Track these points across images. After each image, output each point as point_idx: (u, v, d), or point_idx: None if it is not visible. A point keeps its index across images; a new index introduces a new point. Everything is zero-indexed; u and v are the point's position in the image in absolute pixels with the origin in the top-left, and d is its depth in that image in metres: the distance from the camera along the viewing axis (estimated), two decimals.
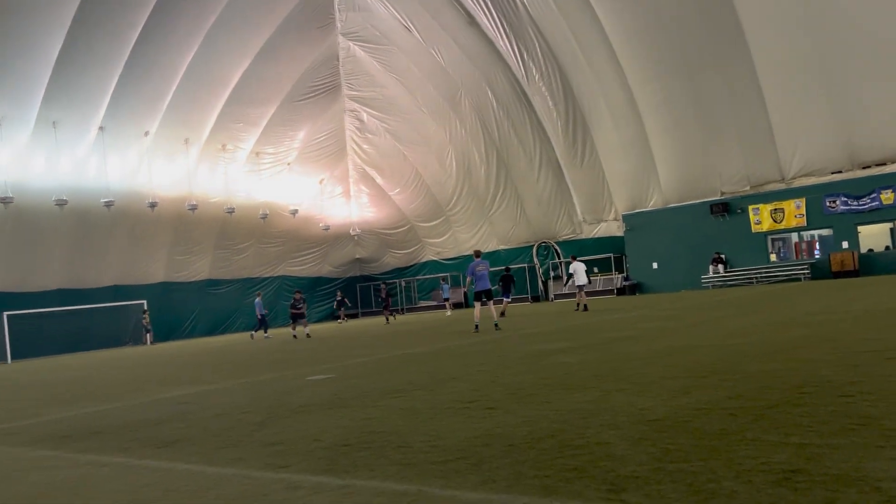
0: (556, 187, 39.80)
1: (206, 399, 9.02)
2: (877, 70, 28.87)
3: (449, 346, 13.97)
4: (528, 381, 7.68)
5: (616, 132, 36.31)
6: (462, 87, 38.99)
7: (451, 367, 9.92)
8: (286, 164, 41.35)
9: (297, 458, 4.89)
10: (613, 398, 6.04)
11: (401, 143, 42.94)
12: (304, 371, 11.55)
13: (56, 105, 29.81)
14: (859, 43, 28.74)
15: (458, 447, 4.69)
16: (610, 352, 9.92)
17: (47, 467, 5.52)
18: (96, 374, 16.71)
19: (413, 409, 6.52)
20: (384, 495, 3.73)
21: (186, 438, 6.16)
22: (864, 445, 3.78)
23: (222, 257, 40.48)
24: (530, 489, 3.56)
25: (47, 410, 9.64)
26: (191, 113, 34.89)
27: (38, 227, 31.92)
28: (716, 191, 35.10)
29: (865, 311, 12.77)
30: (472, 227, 44.06)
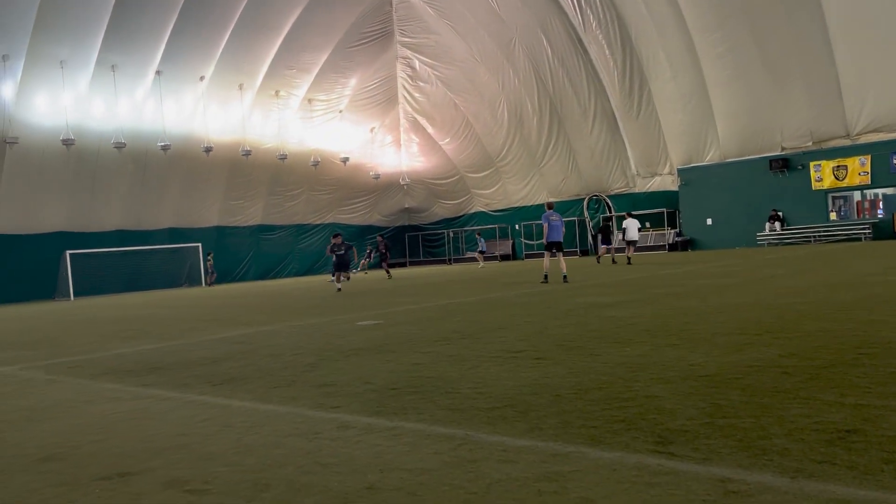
0: (609, 139, 38.99)
1: (260, 340, 9.28)
2: None
3: (496, 297, 14.01)
4: (576, 333, 7.67)
5: (674, 83, 35.21)
6: (517, 35, 38.17)
7: (498, 317, 9.97)
8: (338, 111, 41.42)
9: (347, 399, 5.01)
10: (663, 353, 6.00)
11: (452, 91, 42.47)
12: (353, 316, 11.75)
13: (115, 49, 30.29)
14: None
15: (505, 395, 4.73)
16: (661, 307, 9.82)
17: (111, 399, 5.77)
18: (155, 312, 17.31)
19: (460, 356, 6.59)
20: (432, 438, 3.80)
21: (241, 377, 6.36)
22: None
23: (274, 203, 41.09)
24: (577, 438, 3.59)
25: (110, 346, 10.05)
26: (245, 59, 35.07)
27: (98, 169, 32.81)
28: (776, 146, 33.93)
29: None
30: (522, 178, 43.64)
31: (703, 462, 3.09)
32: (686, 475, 2.94)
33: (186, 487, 3.28)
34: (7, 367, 8.48)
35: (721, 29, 32.18)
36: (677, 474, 2.96)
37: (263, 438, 4.09)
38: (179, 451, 3.94)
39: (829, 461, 2.98)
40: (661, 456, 3.22)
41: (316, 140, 40.56)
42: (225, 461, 3.68)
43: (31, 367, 8.29)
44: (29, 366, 8.39)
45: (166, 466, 3.66)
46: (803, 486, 2.72)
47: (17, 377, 7.54)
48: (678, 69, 34.70)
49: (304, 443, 3.91)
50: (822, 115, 32.19)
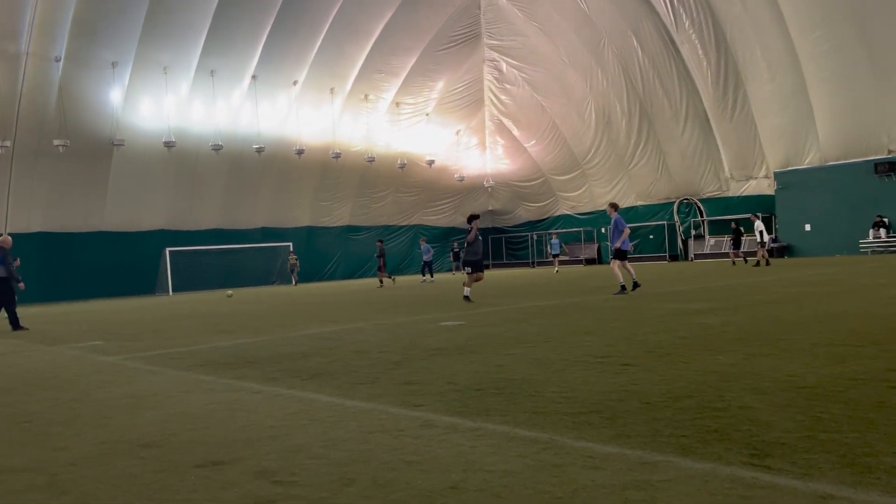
0: (702, 141, 37.79)
1: (347, 336, 9.46)
2: None
3: (581, 301, 13.81)
4: (665, 339, 7.46)
5: (772, 83, 33.78)
6: (606, 35, 37.54)
7: (583, 321, 9.81)
8: (425, 114, 41.83)
9: (431, 398, 5.03)
10: (758, 362, 5.75)
11: (539, 93, 42.17)
12: (436, 316, 11.82)
13: (214, 55, 31.64)
14: None
15: (591, 400, 4.65)
16: (755, 314, 9.43)
17: (206, 390, 6.01)
18: (248, 308, 17.93)
19: (545, 359, 6.52)
20: (516, 440, 3.77)
21: (328, 372, 6.50)
22: None
23: (362, 205, 41.90)
24: (667, 447, 3.48)
25: (206, 339, 10.47)
26: (336, 63, 35.93)
27: (197, 170, 34.33)
28: (882, 148, 32.03)
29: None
30: (609, 181, 42.87)
31: (803, 477, 2.94)
32: (784, 490, 2.80)
33: (275, 478, 3.37)
34: (113, 356, 8.96)
35: (824, 27, 30.67)
36: (774, 488, 2.82)
37: (349, 433, 4.16)
38: (269, 443, 4.05)
39: None
40: (756, 469, 3.08)
41: (402, 143, 41.10)
42: (311, 454, 3.76)
43: (134, 357, 8.73)
44: (132, 356, 8.85)
45: (256, 457, 3.77)
46: None
47: (122, 367, 7.95)
48: (776, 69, 33.28)
49: (389, 439, 3.96)
50: None
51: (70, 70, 28.87)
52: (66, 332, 13.58)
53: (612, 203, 15.28)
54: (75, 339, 11.80)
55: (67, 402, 5.87)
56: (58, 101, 29.10)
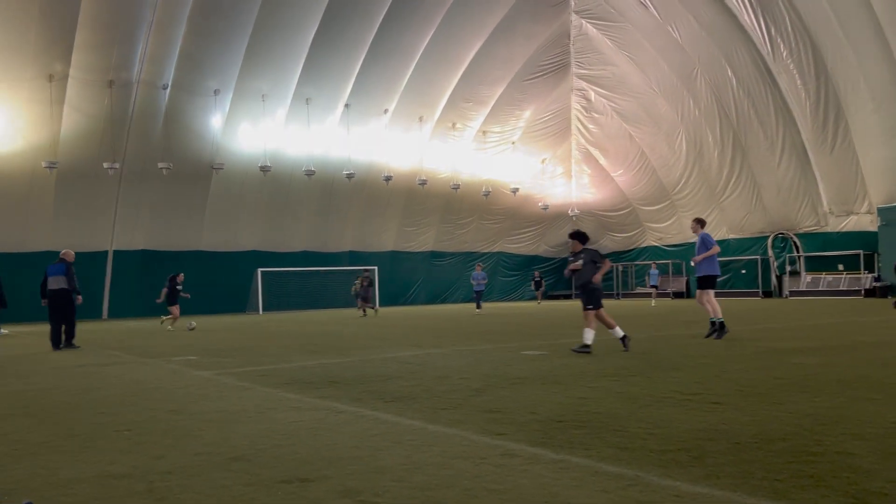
0: (799, 174, 36.33)
1: (429, 361, 9.53)
2: None
3: (669, 335, 13.44)
4: (758, 378, 7.18)
5: (877, 115, 32.23)
6: (699, 64, 36.80)
7: (671, 356, 9.56)
8: (511, 142, 41.98)
9: (512, 427, 5.02)
10: (860, 406, 5.46)
11: (628, 122, 41.65)
12: (518, 345, 11.76)
13: (310, 83, 32.83)
14: None
15: (678, 438, 4.52)
16: (858, 356, 8.95)
17: (293, 408, 6.18)
18: (334, 329, 18.33)
19: (630, 394, 6.39)
20: (600, 475, 3.71)
21: (411, 396, 6.57)
22: None
23: (446, 231, 42.26)
24: (759, 491, 3.35)
25: (294, 358, 10.77)
26: (426, 92, 36.61)
27: (290, 194, 35.52)
28: None
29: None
30: (699, 212, 41.57)
31: None
32: None
33: (359, 498, 3.44)
34: (206, 371, 9.34)
35: None
36: None
37: (431, 458, 4.19)
38: (353, 463, 4.13)
39: None
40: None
41: (488, 170, 41.31)
42: (394, 476, 3.81)
43: (226, 373, 9.07)
44: (224, 372, 9.19)
45: (341, 476, 3.85)
46: None
47: (214, 381, 8.28)
48: (882, 99, 31.75)
49: (471, 466, 3.97)
50: None
51: (176, 97, 30.56)
52: (163, 346, 14.23)
53: (698, 218, 12.78)
54: (172, 353, 12.36)
55: (165, 413, 6.16)
56: (163, 126, 30.83)
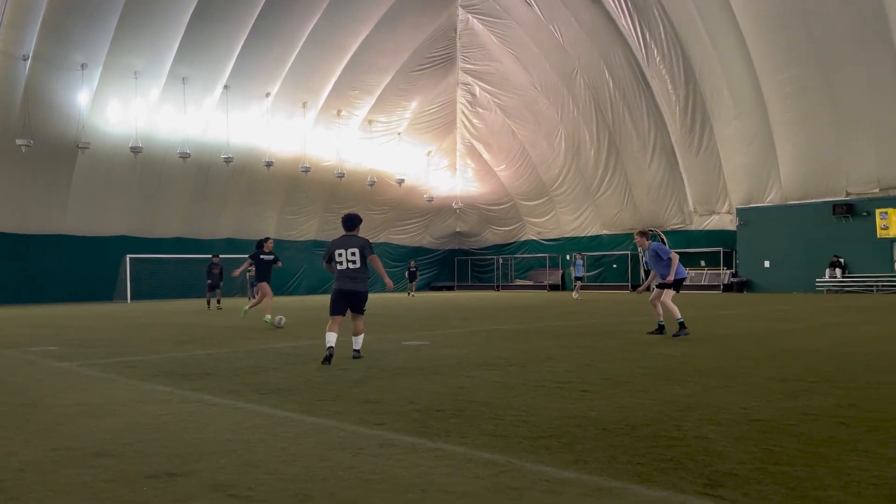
0: (668, 175, 38.51)
1: (309, 353, 9.38)
2: None
3: (545, 326, 13.90)
4: (625, 368, 7.55)
5: (738, 122, 34.65)
6: (579, 65, 38.17)
7: (546, 347, 9.88)
8: (397, 133, 41.96)
9: (391, 417, 5.02)
10: (715, 394, 5.86)
11: (511, 119, 42.64)
12: (399, 336, 11.80)
13: (186, 62, 31.36)
14: None
15: (550, 425, 4.68)
16: (715, 348, 9.60)
17: (162, 401, 5.91)
18: (208, 319, 17.67)
19: (506, 383, 6.55)
20: (474, 462, 3.78)
21: (288, 388, 6.44)
22: None
23: (329, 220, 41.68)
24: (623, 474, 3.52)
25: (164, 349, 10.29)
26: (310, 78, 35.89)
27: (163, 177, 33.86)
28: (841, 191, 32.99)
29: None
30: (575, 209, 43.38)
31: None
32: None
33: (230, 492, 3.33)
34: (68, 362, 8.76)
35: (789, 70, 31.61)
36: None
37: (307, 450, 4.13)
38: (225, 456, 4.00)
39: None
40: (708, 498, 3.13)
41: (373, 160, 41.12)
42: (268, 469, 3.72)
43: (90, 364, 8.55)
44: (87, 363, 8.66)
45: (212, 470, 3.72)
46: None
47: (76, 373, 7.78)
48: (742, 108, 34.16)
49: (348, 457, 3.93)
50: (890, 161, 31.22)
51: (38, 69, 28.35)
52: (20, 335, 13.23)
53: (642, 231, 12.37)
54: (29, 343, 11.51)
55: (17, 407, 5.72)
56: (23, 100, 28.54)
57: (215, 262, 25.40)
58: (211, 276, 24.79)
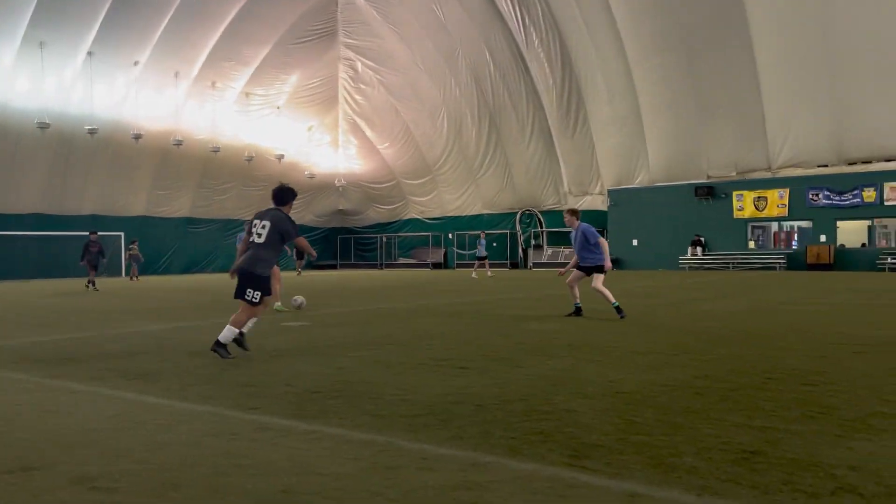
0: (545, 156, 39.69)
1: (182, 335, 9.03)
2: (873, 71, 28.94)
3: (427, 304, 14.04)
4: (503, 344, 7.77)
5: (610, 106, 36.16)
6: (460, 46, 38.48)
7: (427, 325, 9.99)
8: (276, 107, 40.80)
9: (267, 400, 4.94)
10: (585, 368, 6.14)
11: (394, 97, 42.46)
12: (279, 317, 11.57)
13: (44, 25, 29.02)
14: (859, 42, 28.74)
15: (428, 403, 4.75)
16: (584, 323, 10.04)
17: (18, 389, 5.52)
18: (73, 302, 16.61)
19: (387, 362, 6.58)
20: (352, 443, 3.79)
21: (159, 372, 6.18)
22: (823, 433, 3.89)
23: (204, 196, 40.09)
24: (496, 449, 3.64)
25: (20, 333, 9.60)
26: (182, 46, 34.16)
27: (19, 148, 31.32)
28: (702, 174, 35.23)
29: (837, 305, 13.00)
30: (458, 188, 43.95)
31: (615, 477, 3.18)
32: (597, 489, 3.02)
33: (93, 485, 3.17)
34: None
35: (658, 57, 33.25)
36: (589, 488, 3.04)
37: (177, 437, 3.99)
38: (89, 447, 3.80)
39: (734, 480, 3.11)
40: (574, 469, 3.29)
41: (251, 135, 39.83)
42: (135, 459, 3.57)
43: None
44: None
45: (73, 462, 3.53)
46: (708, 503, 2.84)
47: None
48: (614, 93, 35.66)
49: (221, 443, 3.84)
50: (746, 147, 33.61)
51: None
52: None
53: (572, 209, 11.44)
54: None
55: None
56: None
57: (93, 239, 23.02)
58: (88, 254, 22.47)
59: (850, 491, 2.96)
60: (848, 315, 11.15)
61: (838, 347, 7.33)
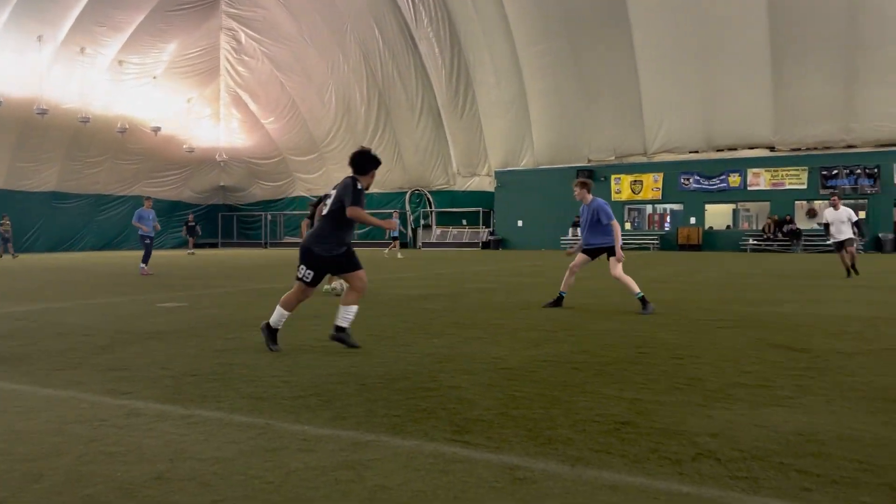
0: (434, 136, 39.86)
1: (47, 317, 8.46)
2: (739, 62, 30.84)
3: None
4: (389, 323, 7.77)
5: (497, 89, 36.71)
6: (349, 21, 37.85)
7: (314, 305, 9.83)
8: (152, 77, 38.70)
9: (141, 384, 4.71)
10: (470, 345, 6.24)
11: (280, 70, 41.28)
12: (154, 297, 11.06)
13: None
14: (727, 34, 30.53)
15: (311, 384, 4.69)
16: (472, 301, 10.20)
17: None
18: None
19: None
20: (231, 426, 3.68)
21: (19, 357, 5.76)
22: (688, 403, 4.14)
23: (72, 169, 37.61)
24: (379, 427, 3.64)
25: None
26: (47, 7, 31.71)
27: None
28: (583, 157, 36.49)
29: (703, 283, 13.86)
30: (347, 166, 42.99)
31: (496, 450, 3.25)
32: (478, 463, 3.08)
33: None
34: None
35: (544, 42, 34.01)
36: (470, 462, 3.09)
37: (40, 425, 3.74)
38: None
39: (606, 450, 3.26)
40: (456, 444, 3.34)
41: (124, 105, 37.64)
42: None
43: None
44: None
45: None
46: (581, 474, 2.95)
47: None
48: (502, 76, 36.22)
49: (88, 430, 3.63)
50: (624, 132, 35.09)
51: None
52: None
53: (582, 181, 9.65)
54: None
55: None
56: None
57: None
58: None
59: (709, 457, 3.16)
60: (713, 292, 11.91)
61: (704, 323, 7.81)
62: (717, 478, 2.91)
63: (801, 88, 30.47)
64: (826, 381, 4.76)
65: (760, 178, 32.87)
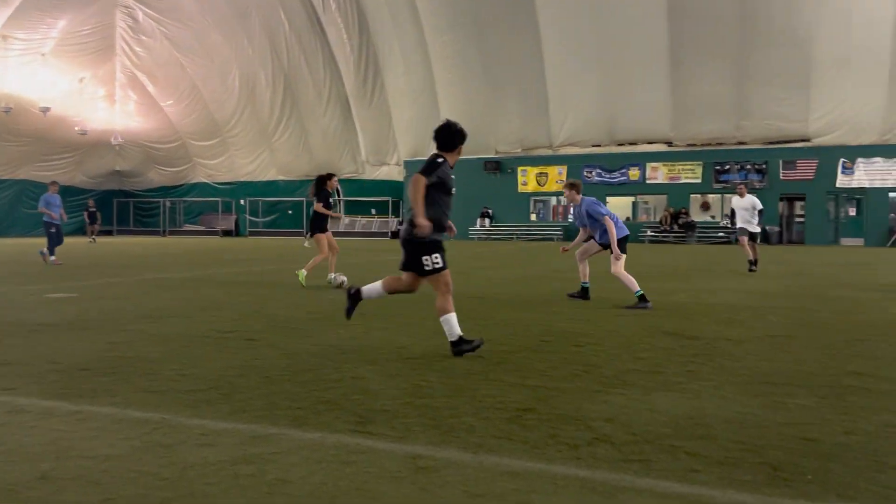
0: (342, 124, 39.37)
1: None
2: (639, 59, 31.94)
3: (215, 273, 13.43)
4: (293, 314, 7.64)
5: (406, 77, 36.61)
6: (253, 2, 36.79)
7: (213, 295, 9.56)
8: (40, 54, 36.39)
9: (25, 380, 4.45)
10: (375, 335, 6.23)
11: (179, 51, 39.67)
12: (41, 287, 10.47)
13: None
14: (628, 30, 31.55)
15: (210, 377, 4.56)
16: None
17: None
18: None
19: (166, 335, 6.21)
20: (123, 423, 3.53)
21: None
22: (585, 390, 4.28)
23: None
24: (281, 420, 3.58)
25: None
26: None
27: None
28: (491, 149, 36.94)
29: (601, 273, 14.32)
30: (251, 152, 42.30)
31: (399, 440, 3.27)
32: (381, 453, 3.08)
33: None
34: None
35: (451, 32, 34.15)
36: (373, 452, 3.09)
37: None
38: None
39: (507, 437, 3.33)
40: (359, 435, 3.33)
41: (10, 84, 35.26)
42: None
43: None
44: None
45: None
46: (483, 461, 3.00)
47: None
48: (410, 65, 36.14)
49: None
50: (530, 125, 35.74)
51: None
52: None
53: (571, 182, 9.58)
54: None
55: None
56: None
57: None
58: None
59: (604, 441, 3.28)
60: (610, 281, 12.33)
61: (602, 311, 8.09)
62: (611, 461, 3.02)
63: (698, 87, 31.87)
64: (714, 366, 5.03)
65: (658, 171, 34.23)
